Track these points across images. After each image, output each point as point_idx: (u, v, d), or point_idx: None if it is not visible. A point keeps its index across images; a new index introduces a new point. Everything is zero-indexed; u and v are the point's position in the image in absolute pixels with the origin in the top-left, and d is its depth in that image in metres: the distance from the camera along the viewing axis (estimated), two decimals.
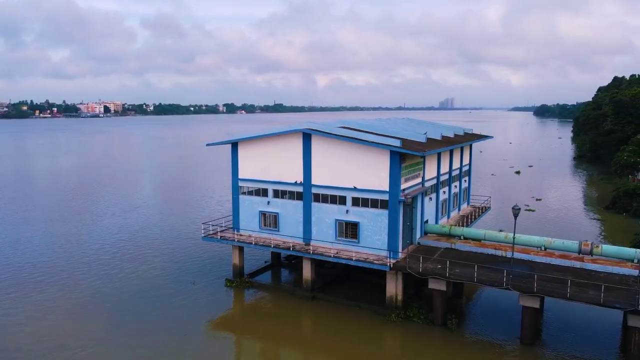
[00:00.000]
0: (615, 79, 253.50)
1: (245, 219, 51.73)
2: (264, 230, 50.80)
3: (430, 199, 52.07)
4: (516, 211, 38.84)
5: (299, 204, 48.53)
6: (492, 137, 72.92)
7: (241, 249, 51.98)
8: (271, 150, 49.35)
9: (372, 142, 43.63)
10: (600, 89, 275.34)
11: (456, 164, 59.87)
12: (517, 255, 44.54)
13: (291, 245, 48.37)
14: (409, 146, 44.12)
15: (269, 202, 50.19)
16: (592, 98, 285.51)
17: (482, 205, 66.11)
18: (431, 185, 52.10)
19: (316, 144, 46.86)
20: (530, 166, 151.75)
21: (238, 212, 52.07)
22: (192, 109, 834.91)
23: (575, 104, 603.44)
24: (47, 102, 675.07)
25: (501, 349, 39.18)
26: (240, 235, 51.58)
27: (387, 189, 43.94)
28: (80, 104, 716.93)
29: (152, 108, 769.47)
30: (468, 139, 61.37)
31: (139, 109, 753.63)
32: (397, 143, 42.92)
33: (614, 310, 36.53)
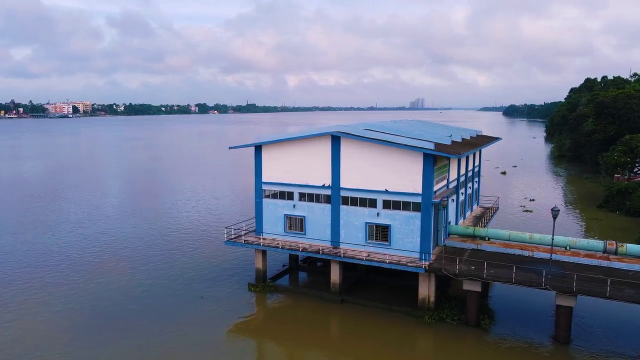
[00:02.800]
0: (588, 80, 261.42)
1: (269, 223, 51.18)
2: (289, 234, 50.36)
3: (453, 200, 52.60)
4: (555, 213, 39.59)
5: (326, 207, 48.30)
6: (500, 138, 74.12)
7: (264, 253, 51.39)
8: (297, 153, 48.96)
9: (405, 144, 43.78)
10: (572, 90, 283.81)
11: (470, 166, 60.67)
12: (545, 255, 45.46)
13: (319, 248, 48.09)
14: (442, 149, 44.43)
15: (294, 206, 49.77)
16: (565, 99, 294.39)
17: (492, 206, 67.09)
18: (453, 187, 52.64)
19: (345, 147, 46.73)
20: (515, 166, 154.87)
21: (261, 216, 51.47)
22: (163, 109, 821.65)
23: (542, 104, 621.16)
24: (12, 102, 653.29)
25: (536, 348, 39.85)
26: (265, 239, 51.00)
27: (420, 192, 44.15)
28: (48, 104, 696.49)
29: (122, 108, 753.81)
30: (484, 141, 62.30)
31: (109, 109, 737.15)
32: (430, 145, 43.19)
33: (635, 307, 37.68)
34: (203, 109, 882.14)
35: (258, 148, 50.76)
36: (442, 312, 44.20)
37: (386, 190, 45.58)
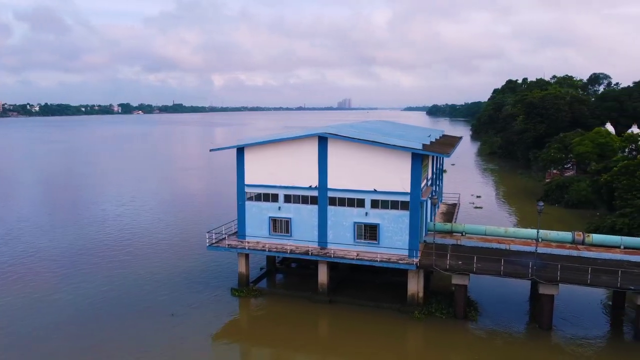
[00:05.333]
0: (510, 81, 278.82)
1: (253, 226, 50.42)
2: (274, 236, 49.90)
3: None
4: (540, 208, 42.14)
5: (314, 208, 48.34)
6: (462, 137, 77.37)
7: (247, 257, 50.56)
8: (282, 154, 48.61)
9: (394, 145, 44.77)
10: (495, 91, 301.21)
11: (437, 165, 62.98)
12: (521, 247, 48.31)
13: (307, 250, 48.05)
14: (429, 148, 45.88)
15: (280, 208, 49.36)
16: (489, 99, 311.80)
17: (454, 202, 70.00)
18: (429, 185, 54.46)
19: (333, 148, 47.02)
20: (453, 164, 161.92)
21: (244, 219, 50.60)
22: (83, 109, 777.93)
23: (463, 104, 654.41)
24: None
25: (523, 335, 42.40)
26: (249, 242, 50.16)
27: (409, 191, 45.35)
28: None
29: (37, 109, 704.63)
30: (455, 140, 64.87)
31: (23, 110, 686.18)
32: (419, 145, 44.49)
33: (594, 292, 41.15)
34: (127, 109, 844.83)
35: (240, 150, 49.85)
36: (431, 306, 45.68)
37: (375, 190, 46.39)
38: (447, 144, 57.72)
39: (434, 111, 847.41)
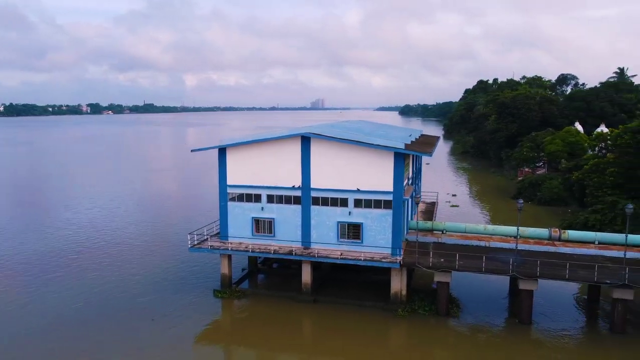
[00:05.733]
0: (481, 82, 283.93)
1: (235, 226, 50.14)
2: (257, 237, 49.74)
3: (412, 197, 55.07)
4: (520, 205, 43.14)
5: (297, 208, 48.37)
6: (439, 137, 78.45)
7: (230, 258, 50.28)
8: (265, 155, 48.49)
9: (378, 144, 45.17)
10: (467, 91, 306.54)
11: (416, 164, 63.78)
12: (500, 244, 49.38)
13: (290, 250, 48.07)
14: (411, 148, 46.45)
15: (263, 208, 49.23)
16: (460, 99, 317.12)
17: (433, 201, 70.96)
18: (410, 185, 55.10)
19: (316, 148, 47.13)
20: (428, 164, 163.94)
21: (226, 220, 50.26)
22: (50, 109, 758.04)
23: (435, 104, 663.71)
24: None
25: (504, 330, 43.32)
26: (231, 243, 49.87)
27: (392, 190, 45.82)
28: None
29: (1, 109, 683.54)
30: (434, 139, 65.73)
31: None
32: (401, 145, 45.00)
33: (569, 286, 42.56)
34: (96, 109, 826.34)
35: (222, 150, 49.50)
36: (414, 304, 46.27)
37: (358, 189, 46.71)
38: (427, 143, 58.54)
39: (406, 111, 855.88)
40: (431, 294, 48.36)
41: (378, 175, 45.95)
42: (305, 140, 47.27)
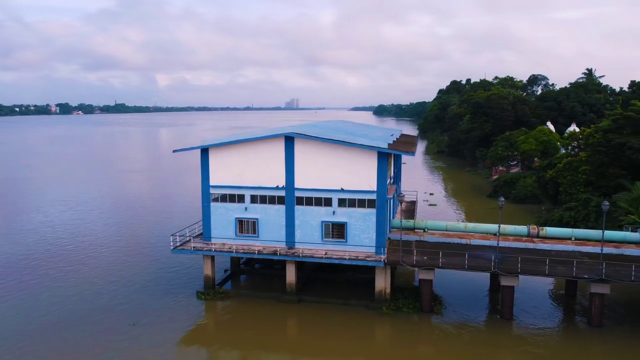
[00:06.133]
0: (454, 82, 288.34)
1: (218, 227, 49.75)
2: (241, 237, 49.48)
3: (396, 196, 55.56)
4: (501, 203, 44.01)
5: (281, 208, 48.29)
6: (417, 136, 79.17)
7: (213, 259, 49.87)
8: (248, 155, 48.26)
9: (361, 144, 45.45)
10: (441, 91, 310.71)
11: (397, 164, 64.36)
12: (480, 242, 50.29)
13: (274, 250, 47.98)
14: (394, 147, 46.87)
15: (246, 208, 48.98)
16: (434, 99, 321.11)
17: (413, 200, 71.68)
18: (392, 184, 55.61)
19: (300, 148, 47.13)
20: (404, 163, 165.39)
21: (209, 221, 49.84)
22: (17, 109, 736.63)
23: (409, 104, 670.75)
24: None
25: (486, 326, 44.15)
26: (214, 244, 49.47)
27: (375, 189, 46.16)
28: None
29: None
30: (415, 139, 66.43)
31: None
32: (384, 145, 45.40)
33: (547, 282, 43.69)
34: (65, 109, 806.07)
35: (205, 151, 49.05)
36: (398, 302, 46.72)
37: (342, 188, 46.91)
38: (409, 142, 59.18)
39: (381, 111, 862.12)
40: (414, 291, 48.94)
41: (362, 175, 46.23)
42: (289, 140, 47.23)
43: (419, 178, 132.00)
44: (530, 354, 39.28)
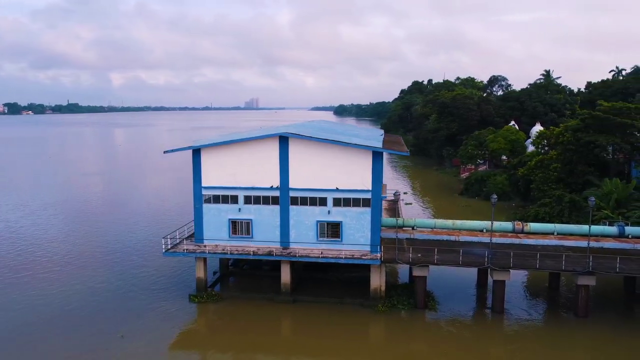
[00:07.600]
0: (416, 82, 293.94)
1: (211, 229, 49.14)
2: (235, 239, 49.03)
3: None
4: (494, 201, 45.40)
5: (275, 208, 48.14)
6: (399, 136, 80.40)
7: (205, 261, 49.21)
8: (242, 155, 47.89)
9: (357, 144, 45.90)
10: (403, 91, 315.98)
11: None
12: (469, 238, 51.69)
13: (269, 250, 47.84)
14: (387, 147, 47.55)
15: (240, 209, 48.57)
16: (396, 99, 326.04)
17: (394, 198, 72.74)
18: None
19: (294, 148, 47.13)
20: None
21: (202, 222, 49.14)
22: None
23: (368, 104, 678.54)
24: None
25: (480, 321, 45.59)
26: (207, 246, 48.82)
27: (370, 188, 46.71)
28: None
29: None
30: (400, 139, 67.47)
31: None
32: (379, 144, 46.03)
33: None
34: (14, 109, 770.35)
35: (196, 152, 48.33)
36: (393, 299, 47.43)
37: (337, 188, 47.21)
38: (396, 142, 60.11)
39: (341, 111, 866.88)
40: (407, 288, 49.80)
41: (357, 174, 46.68)
42: (284, 140, 47.16)
43: (386, 177, 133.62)
44: (523, 346, 40.74)
